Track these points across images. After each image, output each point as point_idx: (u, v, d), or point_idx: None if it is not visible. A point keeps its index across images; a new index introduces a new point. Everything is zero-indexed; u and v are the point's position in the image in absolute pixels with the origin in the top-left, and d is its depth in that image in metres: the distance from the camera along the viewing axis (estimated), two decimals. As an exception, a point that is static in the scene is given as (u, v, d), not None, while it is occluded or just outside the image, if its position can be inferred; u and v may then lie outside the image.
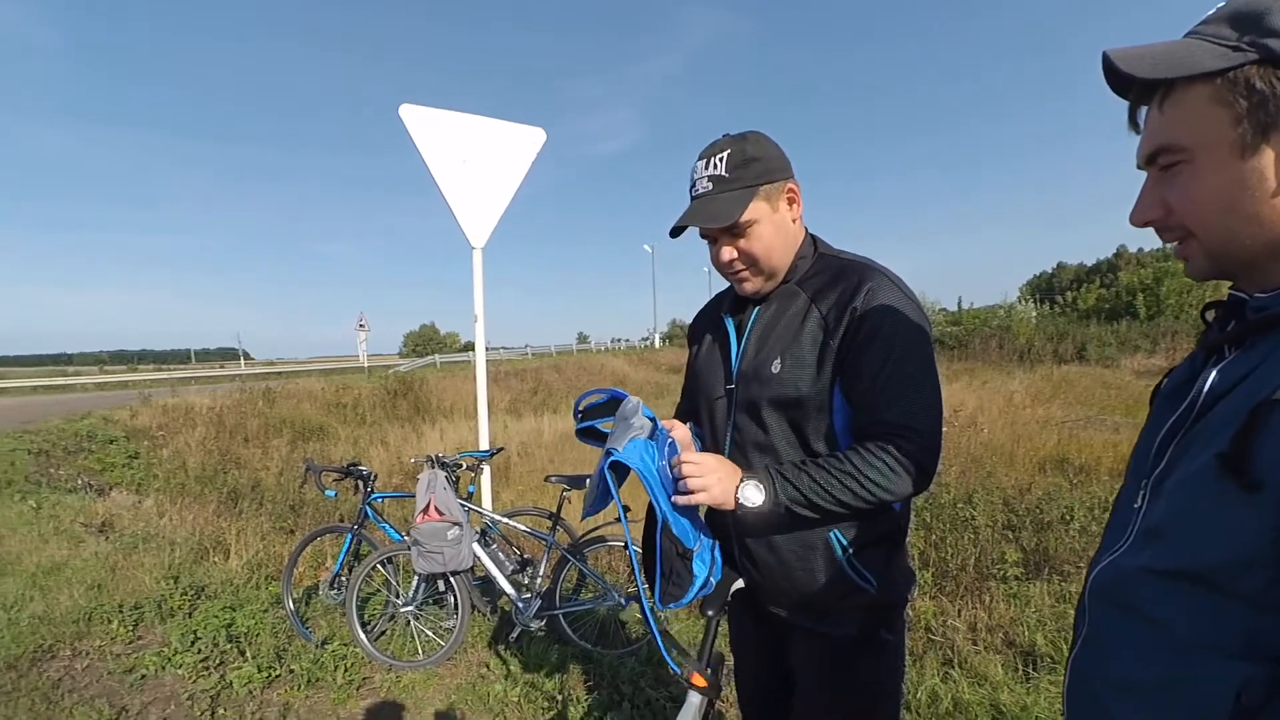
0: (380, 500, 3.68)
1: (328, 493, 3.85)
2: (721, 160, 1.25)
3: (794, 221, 1.32)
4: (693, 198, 1.29)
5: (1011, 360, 20.34)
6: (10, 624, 3.44)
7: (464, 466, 3.56)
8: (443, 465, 3.34)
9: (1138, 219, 0.72)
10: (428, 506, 3.16)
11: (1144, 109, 0.69)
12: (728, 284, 1.42)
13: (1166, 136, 0.66)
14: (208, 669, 3.09)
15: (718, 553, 1.34)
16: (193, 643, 3.29)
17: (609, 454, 1.16)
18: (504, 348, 40.91)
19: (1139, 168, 0.72)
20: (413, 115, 3.68)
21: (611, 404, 1.36)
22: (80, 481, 7.87)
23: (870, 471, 1.14)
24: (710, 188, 1.26)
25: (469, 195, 3.85)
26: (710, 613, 1.35)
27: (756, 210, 1.25)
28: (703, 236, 1.34)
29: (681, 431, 1.39)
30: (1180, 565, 0.63)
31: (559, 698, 2.76)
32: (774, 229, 1.28)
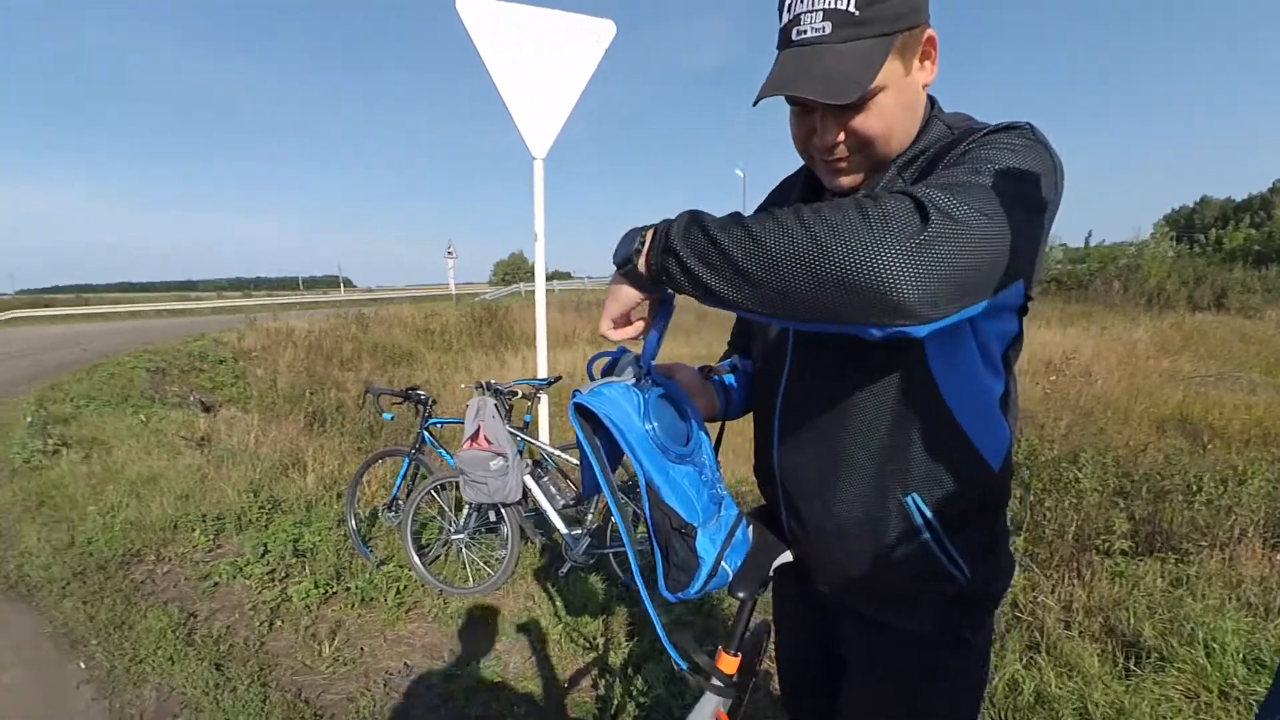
0: (439, 425, 3.65)
1: (385, 415, 3.88)
2: None
3: (924, 88, 0.93)
4: (793, 42, 0.86)
5: (1138, 305, 18.42)
6: (105, 528, 3.71)
7: (519, 395, 3.44)
8: (495, 393, 3.23)
9: None
10: (476, 434, 3.07)
11: None
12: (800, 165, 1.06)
13: None
14: (273, 581, 3.21)
15: (745, 532, 1.06)
16: (263, 554, 3.42)
17: (574, 396, 0.91)
18: (589, 276, 41.02)
19: None
20: (471, 9, 3.40)
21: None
22: (192, 398, 8.52)
23: (825, 211, 0.71)
24: (827, 31, 0.83)
25: (531, 98, 3.56)
26: (741, 594, 1.11)
27: (889, 72, 0.85)
28: (792, 103, 0.92)
29: (686, 375, 1.13)
30: None
31: (599, 640, 2.67)
32: (903, 101, 0.89)
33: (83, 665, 2.56)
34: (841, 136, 0.90)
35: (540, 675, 2.49)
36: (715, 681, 1.13)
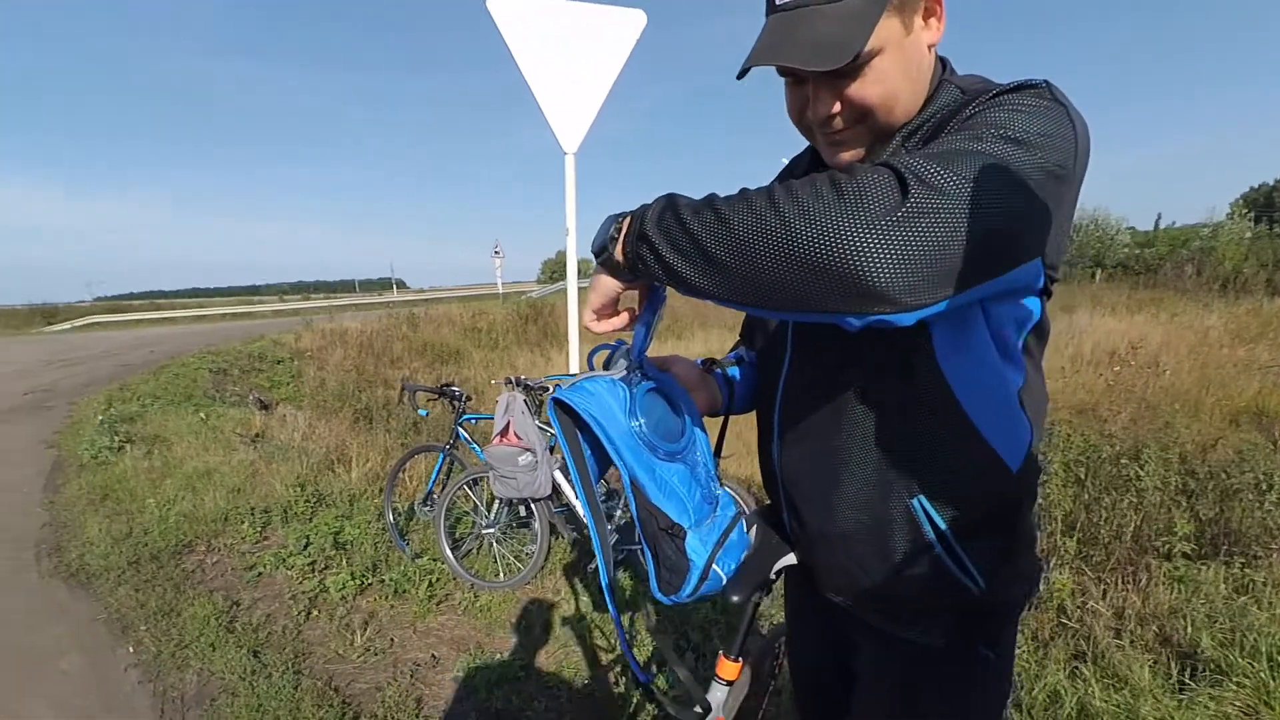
0: (473, 421, 3.70)
1: (420, 412, 3.96)
2: None
3: (930, 49, 0.84)
4: (778, 6, 0.80)
5: (1211, 290, 17.29)
6: (161, 520, 3.89)
7: (550, 390, 3.46)
8: (526, 388, 3.24)
9: None
10: (505, 429, 3.09)
11: None
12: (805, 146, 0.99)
13: None
14: (313, 572, 3.30)
15: (741, 533, 1.01)
16: (305, 546, 3.53)
17: (555, 391, 0.89)
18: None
19: None
20: (501, 6, 3.41)
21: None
22: (250, 397, 8.88)
23: (797, 189, 0.65)
24: None
25: (561, 93, 3.56)
26: (735, 599, 1.05)
27: (885, 33, 0.77)
28: (783, 74, 0.86)
29: (683, 368, 1.09)
30: None
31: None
32: (904, 64, 0.80)
33: (131, 650, 2.68)
34: (837, 107, 0.83)
35: (563, 671, 2.49)
36: (697, 709, 1.08)
